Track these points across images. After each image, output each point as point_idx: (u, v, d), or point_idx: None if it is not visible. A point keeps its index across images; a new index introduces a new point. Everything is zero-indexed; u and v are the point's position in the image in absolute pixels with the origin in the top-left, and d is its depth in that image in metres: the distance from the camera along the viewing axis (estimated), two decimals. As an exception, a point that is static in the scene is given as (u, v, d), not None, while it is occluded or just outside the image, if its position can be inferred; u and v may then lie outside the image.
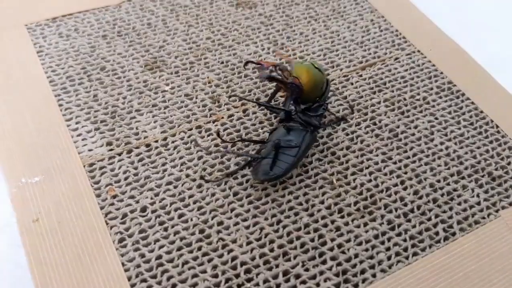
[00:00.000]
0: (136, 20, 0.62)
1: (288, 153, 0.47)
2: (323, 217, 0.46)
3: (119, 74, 0.56)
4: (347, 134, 0.53)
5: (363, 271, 0.43)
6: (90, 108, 0.53)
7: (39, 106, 0.53)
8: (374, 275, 0.43)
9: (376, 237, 0.45)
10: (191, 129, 0.52)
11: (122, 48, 0.59)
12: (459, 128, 0.54)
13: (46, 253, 0.42)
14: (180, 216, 0.45)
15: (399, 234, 0.46)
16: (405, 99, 0.57)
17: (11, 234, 0.45)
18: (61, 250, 0.42)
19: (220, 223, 0.45)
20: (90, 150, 0.50)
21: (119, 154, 0.49)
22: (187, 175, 0.48)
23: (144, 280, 0.41)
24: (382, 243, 0.45)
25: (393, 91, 0.57)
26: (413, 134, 0.53)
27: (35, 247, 0.43)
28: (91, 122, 0.52)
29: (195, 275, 0.42)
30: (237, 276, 0.42)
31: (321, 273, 0.43)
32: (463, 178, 0.50)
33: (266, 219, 0.46)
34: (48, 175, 0.47)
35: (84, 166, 0.48)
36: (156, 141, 0.51)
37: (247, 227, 0.45)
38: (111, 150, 0.50)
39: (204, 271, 0.42)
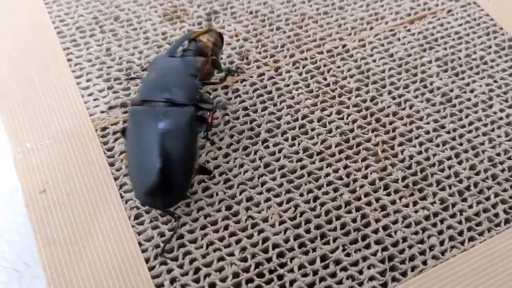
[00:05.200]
0: (153, -37, 0.55)
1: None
2: (367, 194, 0.40)
3: (135, 25, 0.50)
4: (394, 98, 0.46)
5: (412, 258, 0.38)
6: (103, 63, 0.47)
7: (46, 60, 0.47)
8: (424, 263, 0.37)
9: (427, 218, 0.39)
10: (215, 90, 0.46)
11: (138, -5, 0.52)
12: (522, 93, 0.47)
13: (54, 230, 0.37)
14: (205, 189, 0.40)
15: (453, 216, 0.40)
16: (459, 58, 0.49)
17: (17, 203, 0.40)
18: (71, 226, 0.38)
19: (249, 199, 0.40)
20: (102, 112, 0.44)
21: (135, 117, 0.44)
22: (212, 143, 0.43)
23: (164, 263, 0.36)
24: (434, 225, 0.39)
25: (445, 49, 0.50)
26: (469, 99, 0.46)
27: (43, 222, 0.38)
28: (104, 80, 0.46)
29: (221, 258, 0.37)
30: (269, 260, 0.37)
31: (364, 259, 0.37)
32: (526, 151, 0.44)
33: (301, 195, 0.40)
34: (56, 140, 0.42)
35: (96, 130, 0.43)
36: (177, 103, 0.45)
37: (280, 204, 0.40)
38: (126, 112, 0.44)
39: (232, 254, 0.37)
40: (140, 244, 0.37)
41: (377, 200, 0.40)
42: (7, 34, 0.49)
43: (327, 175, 0.41)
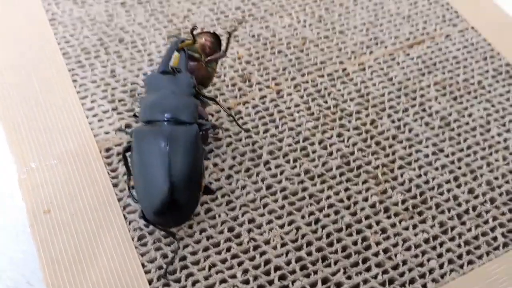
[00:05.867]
0: (158, -14, 0.56)
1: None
2: (367, 217, 0.41)
3: (139, 47, 0.51)
4: (393, 122, 0.47)
5: (412, 281, 0.38)
6: (107, 85, 0.48)
7: (51, 81, 0.48)
8: (424, 286, 0.38)
9: (426, 241, 0.40)
10: (219, 111, 0.46)
11: (142, 17, 0.53)
12: (519, 117, 0.48)
13: (58, 251, 0.38)
14: (207, 211, 0.41)
15: (452, 239, 0.40)
16: (457, 82, 0.50)
17: (22, 223, 0.41)
18: (75, 246, 0.38)
19: (251, 221, 0.40)
20: (106, 133, 0.45)
21: (139, 139, 0.44)
22: (215, 164, 0.43)
23: (167, 284, 0.37)
24: (434, 248, 0.40)
25: (444, 73, 0.51)
26: (467, 123, 0.47)
27: (47, 242, 0.38)
28: (108, 101, 0.47)
29: (223, 280, 0.37)
30: (271, 282, 0.37)
31: (365, 281, 0.38)
32: (523, 175, 0.44)
33: (303, 217, 0.41)
34: (61, 161, 0.42)
35: (100, 151, 0.43)
36: (180, 125, 0.45)
37: (282, 226, 0.40)
38: (129, 133, 0.44)
39: (234, 276, 0.37)
40: (143, 265, 0.37)
41: (378, 222, 0.41)
42: (13, 55, 0.49)
43: (328, 197, 0.42)
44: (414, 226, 0.41)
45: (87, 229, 0.39)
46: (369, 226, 0.40)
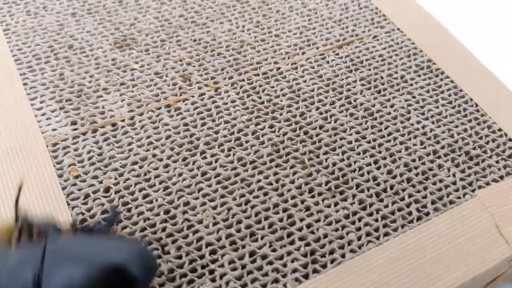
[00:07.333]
0: (107, -2, 0.60)
1: None
2: (293, 197, 0.45)
3: (87, 52, 0.55)
4: (321, 113, 0.51)
5: (332, 252, 0.42)
6: (56, 87, 0.51)
7: (3, 85, 0.51)
8: (343, 256, 0.42)
9: (346, 217, 0.44)
10: (159, 108, 0.50)
11: (91, 26, 0.57)
12: (437, 107, 0.53)
13: (4, 235, 0.41)
14: (145, 196, 0.44)
15: (370, 214, 0.44)
16: (382, 77, 0.55)
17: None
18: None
19: (186, 204, 0.44)
20: (54, 129, 0.48)
21: (84, 134, 0.48)
22: (154, 155, 0.47)
23: (105, 262, 0.40)
24: (353, 223, 0.44)
25: (370, 70, 0.56)
26: (389, 113, 0.52)
27: (-7, 228, 0.41)
28: (56, 101, 0.50)
29: (157, 257, 0.41)
30: (202, 257, 0.41)
31: (289, 253, 0.41)
32: (439, 157, 0.49)
33: (234, 199, 0.44)
34: (10, 155, 0.46)
35: (47, 146, 0.47)
36: (123, 120, 0.49)
37: (214, 208, 0.44)
38: (75, 129, 0.48)
39: (168, 252, 0.41)
40: (83, 245, 0.41)
41: (302, 201, 0.44)
42: (-32, 62, 0.53)
43: (258, 181, 0.46)
44: (336, 204, 0.45)
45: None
46: (295, 205, 0.44)
